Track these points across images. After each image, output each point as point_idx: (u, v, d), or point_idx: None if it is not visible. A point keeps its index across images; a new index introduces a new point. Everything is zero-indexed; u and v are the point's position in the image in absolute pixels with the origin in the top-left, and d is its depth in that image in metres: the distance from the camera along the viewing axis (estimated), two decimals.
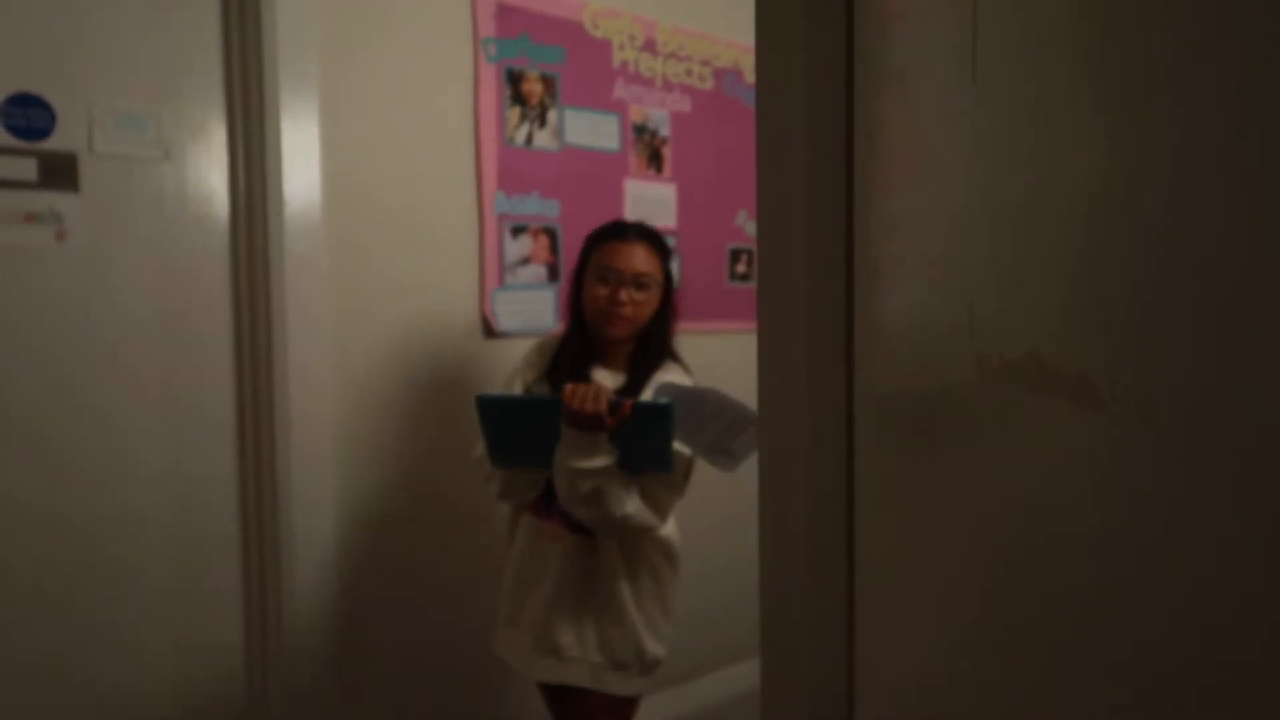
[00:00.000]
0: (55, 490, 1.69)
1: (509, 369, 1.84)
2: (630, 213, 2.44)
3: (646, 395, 1.65)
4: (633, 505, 1.56)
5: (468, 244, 2.14)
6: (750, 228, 2.74)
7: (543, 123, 2.25)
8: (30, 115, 1.65)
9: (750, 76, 2.70)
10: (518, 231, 2.22)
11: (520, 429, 1.57)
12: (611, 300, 1.65)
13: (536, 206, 2.25)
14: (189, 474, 1.84)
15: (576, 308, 1.74)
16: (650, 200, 2.48)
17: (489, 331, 2.18)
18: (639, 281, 1.67)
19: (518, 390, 1.74)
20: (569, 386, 1.50)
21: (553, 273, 2.29)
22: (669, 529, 1.73)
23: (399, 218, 2.02)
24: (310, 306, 1.85)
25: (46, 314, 1.67)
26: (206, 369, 1.86)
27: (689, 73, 2.55)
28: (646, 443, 1.52)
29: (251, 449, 1.89)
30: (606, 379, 1.69)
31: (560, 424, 1.51)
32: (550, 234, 2.28)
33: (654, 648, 1.70)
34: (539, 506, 1.70)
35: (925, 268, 0.54)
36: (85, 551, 1.73)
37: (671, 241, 2.54)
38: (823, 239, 0.67)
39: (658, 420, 1.49)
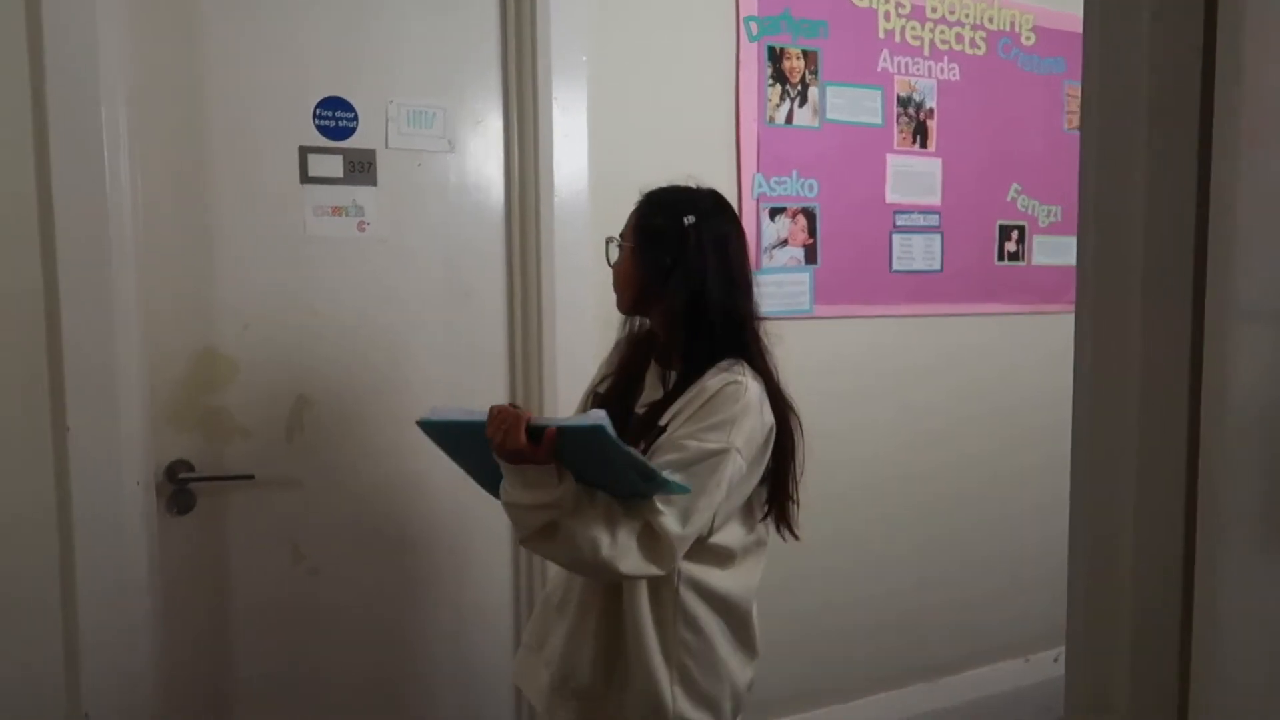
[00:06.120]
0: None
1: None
2: (891, 190, 2.33)
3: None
4: (620, 547, 1.24)
5: None
6: (1024, 202, 2.53)
7: (803, 100, 2.19)
8: (338, 117, 1.82)
9: (1028, 39, 2.48)
10: (775, 213, 2.18)
11: (471, 456, 1.32)
12: None
13: (795, 187, 2.20)
14: None
15: None
16: (913, 176, 2.36)
17: None
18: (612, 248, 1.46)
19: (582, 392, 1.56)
20: (493, 408, 1.23)
21: (810, 255, 2.23)
22: (735, 582, 1.41)
23: None
24: (576, 290, 1.93)
25: (352, 293, 1.85)
26: (486, 343, 1.98)
27: (959, 38, 2.39)
28: (611, 468, 1.23)
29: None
30: (655, 380, 1.45)
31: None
32: (808, 215, 2.22)
33: (682, 707, 1.37)
34: None
35: None
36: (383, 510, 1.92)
37: (934, 220, 2.39)
38: (1166, 202, 0.58)
39: (593, 443, 1.19)
